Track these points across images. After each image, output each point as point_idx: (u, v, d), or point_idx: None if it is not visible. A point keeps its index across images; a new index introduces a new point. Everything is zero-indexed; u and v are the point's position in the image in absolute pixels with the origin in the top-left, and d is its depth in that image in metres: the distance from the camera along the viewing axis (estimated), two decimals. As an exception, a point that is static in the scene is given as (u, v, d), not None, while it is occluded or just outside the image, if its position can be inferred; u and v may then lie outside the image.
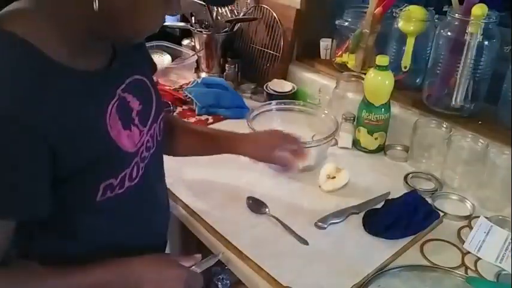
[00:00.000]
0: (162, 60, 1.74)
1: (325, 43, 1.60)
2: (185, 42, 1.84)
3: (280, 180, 1.17)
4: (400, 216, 0.99)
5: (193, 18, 1.70)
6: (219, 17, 1.70)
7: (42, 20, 0.64)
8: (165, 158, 0.93)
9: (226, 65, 1.65)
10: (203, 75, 1.73)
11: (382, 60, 1.21)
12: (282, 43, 1.59)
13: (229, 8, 1.73)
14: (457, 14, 1.18)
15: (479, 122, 1.22)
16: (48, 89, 0.63)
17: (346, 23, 1.48)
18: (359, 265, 0.90)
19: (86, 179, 0.70)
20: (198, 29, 1.69)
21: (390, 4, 1.36)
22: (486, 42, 1.16)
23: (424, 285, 0.87)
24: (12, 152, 0.61)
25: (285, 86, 1.54)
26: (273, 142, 1.07)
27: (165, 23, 1.86)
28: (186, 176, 1.17)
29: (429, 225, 1.01)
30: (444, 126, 1.21)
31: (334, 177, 1.13)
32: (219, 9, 1.71)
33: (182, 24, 1.80)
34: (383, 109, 1.24)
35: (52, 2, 0.65)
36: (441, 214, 1.05)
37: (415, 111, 1.32)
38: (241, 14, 1.72)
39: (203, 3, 1.62)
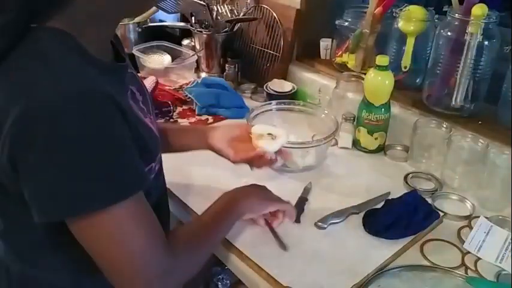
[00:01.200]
0: (162, 60, 1.74)
1: (325, 43, 1.60)
2: (185, 42, 1.84)
3: (280, 180, 1.17)
4: (400, 216, 0.99)
5: (193, 18, 1.70)
6: (219, 17, 1.70)
7: (77, 17, 0.65)
8: (166, 158, 0.93)
9: (226, 65, 1.65)
10: (203, 75, 1.72)
11: (382, 60, 1.21)
12: (282, 43, 1.59)
13: (229, 8, 1.73)
14: (457, 14, 1.18)
15: (479, 122, 1.22)
16: (99, 75, 0.64)
17: (346, 23, 1.48)
18: (359, 265, 0.90)
19: None
20: (198, 29, 1.68)
21: (390, 4, 1.36)
22: (486, 42, 1.16)
23: (424, 285, 0.87)
24: (117, 123, 0.63)
25: (285, 86, 1.54)
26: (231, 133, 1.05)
27: (165, 23, 1.87)
28: (186, 176, 1.17)
29: (429, 225, 1.01)
30: (444, 126, 1.21)
31: (274, 137, 1.01)
32: (219, 9, 1.71)
33: (182, 24, 1.80)
34: (383, 109, 1.24)
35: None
36: (441, 214, 1.05)
37: (415, 111, 1.32)
38: (241, 14, 1.72)
39: (203, 3, 1.63)
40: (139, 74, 0.90)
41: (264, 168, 1.17)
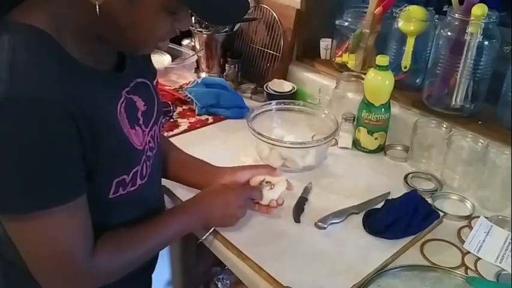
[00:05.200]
0: (162, 60, 1.74)
1: (325, 43, 1.60)
2: (185, 42, 1.84)
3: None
4: (400, 216, 0.99)
5: (193, 18, 1.70)
6: (219, 17, 1.70)
7: (56, 16, 0.66)
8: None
9: (226, 65, 1.65)
10: (203, 75, 1.73)
11: (382, 60, 1.21)
12: (282, 43, 1.59)
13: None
14: (457, 14, 1.18)
15: (479, 122, 1.22)
16: (70, 79, 0.65)
17: (346, 23, 1.48)
18: (359, 265, 0.90)
19: (101, 174, 0.72)
20: (198, 29, 1.68)
21: (390, 4, 1.36)
22: (486, 42, 1.16)
23: (424, 285, 0.87)
24: (60, 132, 0.63)
25: (285, 86, 1.54)
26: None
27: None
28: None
29: (429, 225, 1.01)
30: (444, 126, 1.21)
31: (273, 185, 0.99)
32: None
33: (182, 24, 1.80)
34: (383, 109, 1.24)
35: (61, 3, 0.67)
36: (441, 214, 1.05)
37: (415, 111, 1.32)
38: (241, 14, 1.72)
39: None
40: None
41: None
